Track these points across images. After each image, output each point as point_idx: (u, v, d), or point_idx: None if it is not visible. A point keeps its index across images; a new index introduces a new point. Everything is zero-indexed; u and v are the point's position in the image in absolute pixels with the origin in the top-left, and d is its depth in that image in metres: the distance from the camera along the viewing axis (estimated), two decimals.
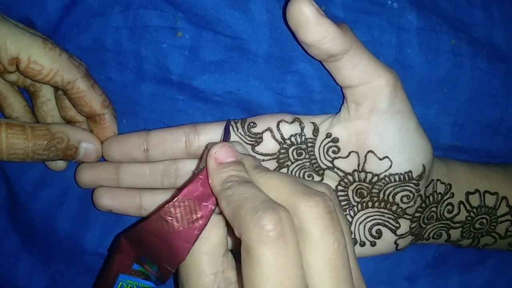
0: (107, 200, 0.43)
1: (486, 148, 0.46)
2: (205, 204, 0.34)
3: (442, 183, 0.43)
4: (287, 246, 0.30)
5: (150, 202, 0.43)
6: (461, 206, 0.43)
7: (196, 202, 0.34)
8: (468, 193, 0.44)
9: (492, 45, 0.43)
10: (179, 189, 0.36)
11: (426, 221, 0.43)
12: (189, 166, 0.43)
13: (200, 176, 0.35)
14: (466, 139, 0.45)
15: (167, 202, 0.34)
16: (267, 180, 0.34)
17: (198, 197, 0.34)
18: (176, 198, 0.34)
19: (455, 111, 0.44)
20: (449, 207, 0.43)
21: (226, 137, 0.40)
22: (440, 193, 0.43)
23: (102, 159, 0.43)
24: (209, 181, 0.35)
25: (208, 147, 0.37)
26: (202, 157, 0.38)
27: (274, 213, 0.30)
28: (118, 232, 0.45)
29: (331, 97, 0.42)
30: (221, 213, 0.35)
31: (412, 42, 0.42)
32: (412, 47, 0.42)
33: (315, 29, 0.36)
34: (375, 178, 0.40)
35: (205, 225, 0.34)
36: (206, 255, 0.34)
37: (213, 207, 0.35)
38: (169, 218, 0.34)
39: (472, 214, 0.44)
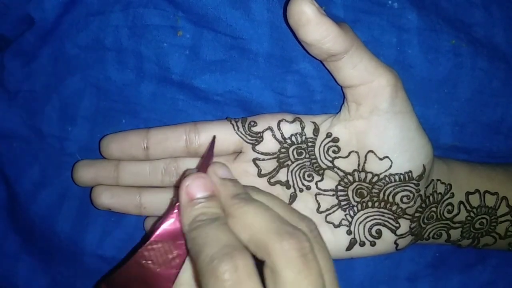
0: (106, 198, 0.43)
1: (486, 148, 0.46)
2: (180, 242, 0.34)
3: (442, 183, 0.43)
4: None
5: (150, 200, 0.43)
6: (461, 206, 0.43)
7: (171, 242, 0.34)
8: (468, 193, 0.44)
9: (493, 45, 0.44)
10: (153, 229, 0.35)
11: (426, 221, 0.43)
12: (190, 164, 0.42)
13: (171, 216, 0.34)
14: (466, 139, 0.45)
15: (141, 245, 0.33)
16: (242, 215, 0.33)
17: (172, 236, 0.34)
18: (149, 241, 0.33)
19: (455, 111, 0.44)
20: (449, 207, 0.43)
21: (208, 157, 0.38)
22: (440, 193, 0.42)
23: (100, 156, 0.43)
24: (180, 218, 0.34)
25: (185, 173, 0.36)
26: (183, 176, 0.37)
27: (229, 262, 0.30)
28: (117, 233, 0.45)
29: (332, 97, 0.42)
30: None
31: (413, 42, 0.42)
32: (412, 47, 0.42)
33: (316, 29, 0.36)
34: (375, 178, 0.40)
35: (183, 262, 0.34)
36: (185, 286, 0.34)
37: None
38: (144, 261, 0.33)
39: (472, 214, 0.44)
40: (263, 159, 0.41)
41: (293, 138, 0.41)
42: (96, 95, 0.43)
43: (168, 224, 0.34)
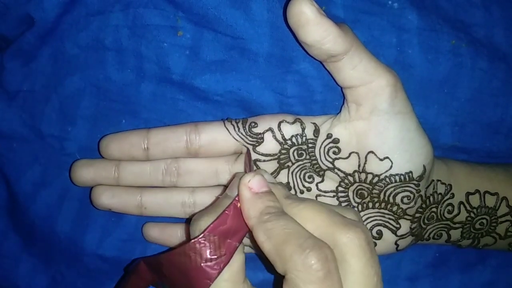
0: (106, 198, 0.43)
1: (486, 148, 0.46)
2: (229, 241, 0.34)
3: (443, 183, 0.43)
4: (334, 285, 0.30)
5: (151, 200, 0.43)
6: (461, 206, 0.43)
7: (221, 239, 0.34)
8: (468, 194, 0.44)
9: (493, 45, 0.44)
10: (201, 219, 0.35)
11: (426, 221, 0.43)
12: (190, 165, 0.42)
13: (227, 212, 0.34)
14: (466, 139, 0.45)
15: (193, 237, 0.34)
16: (302, 211, 0.34)
17: (224, 233, 0.34)
18: (202, 234, 0.33)
19: (455, 111, 0.44)
20: (449, 207, 0.43)
21: (250, 165, 0.39)
22: (440, 193, 0.43)
23: (100, 156, 0.43)
24: (243, 212, 0.34)
25: (238, 176, 0.36)
26: (229, 184, 0.38)
27: (321, 252, 0.30)
28: (117, 233, 0.45)
29: (332, 97, 0.42)
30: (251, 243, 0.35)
31: (413, 42, 0.42)
32: (412, 47, 0.42)
33: (316, 29, 0.36)
34: (376, 179, 0.40)
35: (228, 262, 0.34)
36: (227, 283, 0.34)
37: (237, 244, 0.34)
38: (193, 254, 0.33)
39: (472, 215, 0.44)
40: (264, 160, 0.41)
41: (294, 139, 0.41)
42: (96, 95, 0.43)
43: (221, 221, 0.34)
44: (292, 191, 0.42)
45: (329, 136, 0.41)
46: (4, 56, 0.44)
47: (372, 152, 0.40)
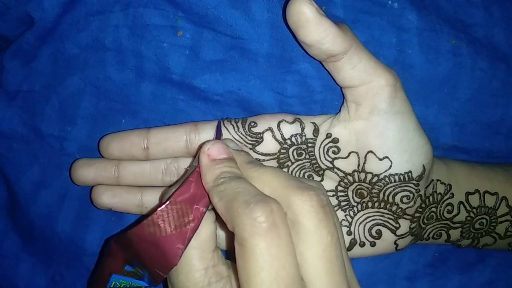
0: (107, 198, 0.43)
1: (486, 148, 0.46)
2: (197, 206, 0.34)
3: (442, 183, 0.43)
4: (280, 236, 0.31)
5: (152, 199, 0.43)
6: (461, 206, 0.43)
7: (188, 205, 0.34)
8: (468, 193, 0.44)
9: (493, 45, 0.44)
10: (170, 191, 0.36)
11: (426, 221, 0.43)
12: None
13: (191, 179, 0.35)
14: (466, 139, 0.45)
15: (158, 205, 0.34)
16: (261, 175, 0.34)
17: (190, 199, 0.34)
18: (168, 201, 0.34)
19: (455, 111, 0.44)
20: (449, 207, 0.43)
21: (218, 135, 0.40)
22: (440, 193, 0.43)
23: (100, 156, 0.43)
24: (202, 178, 0.35)
25: (202, 145, 0.37)
26: (196, 155, 0.39)
27: (265, 205, 0.31)
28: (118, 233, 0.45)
29: (332, 97, 0.42)
30: (212, 209, 0.35)
31: (413, 42, 0.42)
32: (412, 47, 0.42)
33: (315, 29, 0.36)
34: (375, 179, 0.40)
35: (197, 227, 0.34)
36: (196, 250, 0.34)
37: (204, 210, 0.35)
38: (161, 222, 0.34)
39: (472, 215, 0.44)
40: (263, 160, 0.41)
41: (293, 139, 0.41)
42: (96, 95, 0.43)
43: (186, 188, 0.34)
44: None
45: (328, 135, 0.41)
46: (4, 56, 0.44)
47: (371, 151, 0.40)
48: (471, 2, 0.43)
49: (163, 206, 0.34)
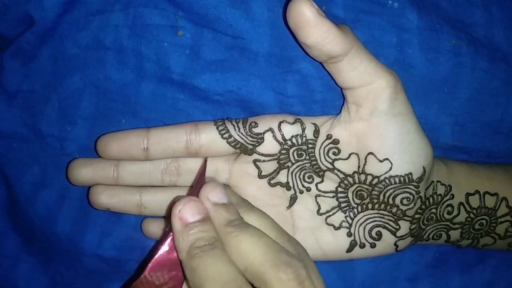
0: (105, 198, 0.43)
1: (486, 148, 0.46)
2: (175, 273, 0.34)
3: (442, 184, 0.43)
4: None
5: (151, 200, 0.43)
6: (461, 207, 0.43)
7: (166, 273, 0.33)
8: (468, 194, 0.44)
9: (493, 45, 0.44)
10: (147, 260, 0.34)
11: (426, 222, 0.43)
12: (190, 164, 0.42)
13: (164, 245, 0.34)
14: (466, 139, 0.45)
15: (137, 275, 0.33)
16: (238, 244, 0.33)
17: (166, 266, 0.33)
18: (142, 274, 0.33)
19: (455, 111, 0.44)
20: (449, 208, 0.43)
21: (200, 181, 0.37)
22: (440, 194, 0.43)
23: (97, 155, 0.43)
24: (175, 244, 0.34)
25: (175, 200, 0.36)
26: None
27: None
28: (117, 233, 0.45)
29: (332, 97, 0.42)
30: None
31: (413, 42, 0.42)
32: (412, 47, 0.42)
33: (315, 31, 0.36)
34: (375, 180, 0.40)
35: None
36: None
37: (183, 275, 0.34)
38: None
39: (472, 215, 0.44)
40: (264, 161, 0.41)
41: (294, 140, 0.41)
42: (96, 95, 0.43)
43: (161, 254, 0.33)
44: (292, 191, 0.42)
45: (329, 137, 0.41)
46: (4, 56, 0.44)
47: (371, 153, 0.40)
48: (471, 2, 0.43)
49: (139, 279, 0.33)
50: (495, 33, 0.43)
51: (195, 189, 0.36)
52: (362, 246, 0.42)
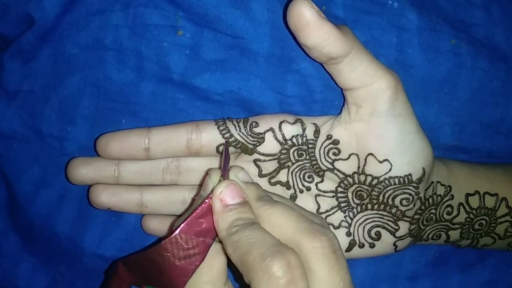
0: (106, 197, 0.43)
1: (486, 148, 0.46)
2: (203, 239, 0.34)
3: (442, 185, 0.43)
4: None
5: (152, 199, 0.43)
6: (461, 207, 0.43)
7: (194, 238, 0.34)
8: (468, 195, 0.44)
9: (493, 45, 0.44)
10: (179, 221, 0.35)
11: (425, 222, 0.43)
12: (191, 163, 0.42)
13: (198, 210, 0.34)
14: (466, 139, 0.45)
15: (166, 236, 0.34)
16: (271, 216, 0.34)
17: (196, 232, 0.34)
18: (174, 234, 0.33)
19: (455, 111, 0.44)
20: (449, 208, 0.43)
21: (226, 161, 0.38)
22: (440, 195, 0.43)
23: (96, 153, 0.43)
24: (215, 224, 0.34)
25: (209, 173, 0.36)
26: (203, 184, 0.38)
27: (283, 259, 0.30)
28: (117, 233, 0.45)
29: (332, 97, 0.42)
30: (219, 241, 0.35)
31: (413, 42, 0.42)
32: (412, 47, 0.42)
33: (316, 33, 0.36)
34: (375, 181, 0.40)
35: (202, 260, 0.34)
36: (208, 285, 0.34)
37: (211, 242, 0.34)
38: (166, 254, 0.33)
39: (471, 216, 0.44)
40: (264, 160, 0.41)
41: (294, 140, 0.41)
42: (96, 95, 0.43)
43: (193, 218, 0.34)
44: (292, 190, 0.42)
45: (329, 137, 0.41)
46: (4, 56, 0.44)
47: (371, 154, 0.40)
48: (471, 2, 0.43)
49: (169, 238, 0.33)
50: (495, 33, 0.43)
51: (224, 172, 0.37)
52: (361, 246, 0.42)
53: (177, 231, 0.33)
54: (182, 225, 0.34)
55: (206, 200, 0.35)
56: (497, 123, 0.45)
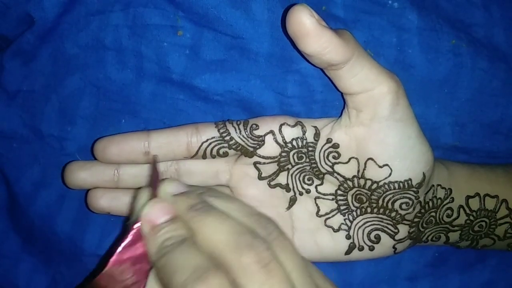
0: (105, 202, 0.42)
1: (486, 148, 0.46)
2: (140, 265, 0.33)
3: (443, 188, 0.43)
4: None
5: None
6: (461, 210, 0.43)
7: (130, 266, 0.33)
8: (468, 197, 0.44)
9: (493, 45, 0.43)
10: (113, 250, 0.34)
11: (425, 225, 0.43)
12: (191, 165, 0.42)
13: (128, 238, 0.33)
14: (466, 139, 0.45)
15: (102, 268, 0.33)
16: (203, 227, 0.32)
17: (133, 260, 0.33)
18: (104, 270, 0.32)
19: (455, 111, 0.44)
20: (449, 211, 0.43)
21: (155, 179, 0.36)
22: (440, 198, 0.42)
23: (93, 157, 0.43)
24: (147, 248, 0.33)
25: (137, 195, 0.35)
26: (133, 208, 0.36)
27: (203, 285, 0.29)
28: (117, 233, 0.45)
29: (333, 97, 0.42)
30: None
31: (413, 42, 0.42)
32: (412, 47, 0.42)
33: (316, 41, 0.35)
34: (375, 185, 0.40)
35: (144, 286, 0.33)
36: None
37: (148, 267, 0.33)
38: (106, 284, 0.33)
39: (471, 218, 0.44)
40: (264, 163, 0.41)
41: (294, 142, 0.41)
42: (96, 95, 0.43)
43: (124, 248, 0.33)
44: (291, 193, 0.42)
45: (329, 140, 0.40)
46: (4, 56, 0.44)
47: (371, 159, 0.39)
48: (471, 2, 0.43)
49: (101, 274, 0.32)
50: (495, 33, 0.43)
51: (154, 190, 0.35)
52: (361, 248, 0.42)
53: (107, 267, 0.32)
54: (113, 258, 0.33)
55: (134, 226, 0.33)
56: (497, 123, 0.45)
